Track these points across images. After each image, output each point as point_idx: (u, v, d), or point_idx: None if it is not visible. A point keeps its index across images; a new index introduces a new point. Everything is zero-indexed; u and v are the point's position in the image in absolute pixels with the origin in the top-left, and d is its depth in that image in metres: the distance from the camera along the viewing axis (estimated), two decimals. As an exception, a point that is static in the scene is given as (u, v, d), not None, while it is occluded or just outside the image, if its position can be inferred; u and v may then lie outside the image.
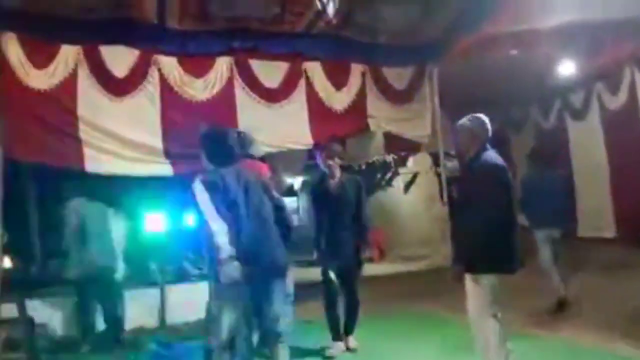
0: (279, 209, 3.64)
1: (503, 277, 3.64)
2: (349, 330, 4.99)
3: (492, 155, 3.73)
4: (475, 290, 3.63)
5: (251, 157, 4.35)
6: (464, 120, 3.88)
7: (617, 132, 8.29)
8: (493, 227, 3.48)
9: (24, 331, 4.94)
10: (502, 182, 3.62)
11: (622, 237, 8.30)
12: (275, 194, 3.73)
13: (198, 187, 3.44)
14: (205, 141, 3.71)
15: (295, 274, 4.73)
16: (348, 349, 4.90)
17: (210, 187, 3.43)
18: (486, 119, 3.85)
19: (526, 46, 7.31)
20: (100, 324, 6.15)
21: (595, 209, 8.91)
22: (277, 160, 5.87)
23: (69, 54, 6.01)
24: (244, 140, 4.40)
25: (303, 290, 6.51)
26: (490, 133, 3.82)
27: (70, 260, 5.99)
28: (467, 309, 3.75)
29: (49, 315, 6.24)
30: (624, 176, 8.26)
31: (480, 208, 3.54)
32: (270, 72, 6.92)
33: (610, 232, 8.61)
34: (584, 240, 9.04)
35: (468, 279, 3.67)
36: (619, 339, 4.63)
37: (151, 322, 6.70)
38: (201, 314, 4.46)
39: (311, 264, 8.80)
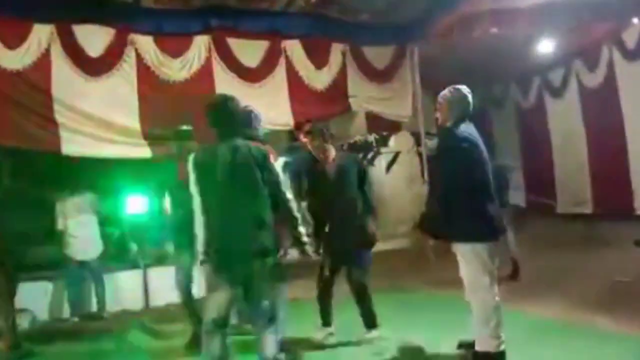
0: (279, 192, 3.42)
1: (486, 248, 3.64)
2: (367, 325, 4.53)
3: (466, 128, 3.75)
4: (461, 260, 3.71)
5: (258, 139, 4.01)
6: (445, 91, 3.89)
7: (595, 109, 8.37)
8: (461, 196, 3.56)
9: (5, 317, 4.86)
10: (469, 154, 3.65)
11: (600, 213, 8.43)
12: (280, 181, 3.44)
13: (189, 166, 3.35)
14: (208, 109, 3.41)
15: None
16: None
17: (199, 166, 3.33)
18: (467, 92, 3.85)
19: (505, 25, 7.31)
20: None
21: (574, 186, 9.04)
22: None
23: (41, 33, 5.87)
24: (253, 119, 4.05)
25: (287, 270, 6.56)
26: (470, 106, 3.82)
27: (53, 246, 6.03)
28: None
29: (30, 300, 6.17)
30: (601, 153, 8.37)
31: (448, 178, 3.64)
32: (250, 51, 6.83)
33: (588, 208, 8.75)
34: (563, 216, 9.20)
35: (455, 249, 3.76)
36: (598, 314, 4.70)
37: (135, 304, 6.68)
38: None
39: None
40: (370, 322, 4.49)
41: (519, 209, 10.27)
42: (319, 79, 7.21)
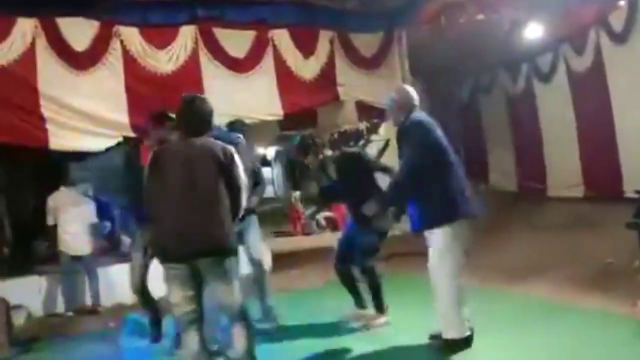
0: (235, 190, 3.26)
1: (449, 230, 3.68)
2: (376, 308, 4.59)
3: (416, 115, 3.88)
4: (430, 246, 3.75)
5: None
6: (391, 94, 4.05)
7: (584, 93, 8.39)
8: (420, 183, 3.65)
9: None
10: (424, 137, 3.73)
11: (591, 196, 8.49)
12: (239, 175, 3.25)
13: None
14: (180, 106, 3.34)
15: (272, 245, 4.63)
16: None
17: (153, 162, 3.25)
18: (411, 89, 4.05)
19: (492, 10, 7.31)
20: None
21: (564, 169, 9.09)
22: (249, 130, 5.79)
23: (25, 27, 5.83)
24: (233, 125, 4.36)
25: (280, 261, 6.58)
26: (416, 101, 3.97)
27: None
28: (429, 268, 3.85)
29: (25, 296, 6.17)
30: (591, 136, 8.40)
31: (407, 167, 3.73)
32: (236, 41, 6.81)
33: (578, 192, 8.80)
34: (554, 200, 9.25)
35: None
36: (590, 296, 4.75)
37: (129, 298, 6.66)
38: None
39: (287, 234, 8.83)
40: (376, 306, 4.55)
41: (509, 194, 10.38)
42: (307, 68, 7.19)
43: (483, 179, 11.18)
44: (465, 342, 3.65)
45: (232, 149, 3.23)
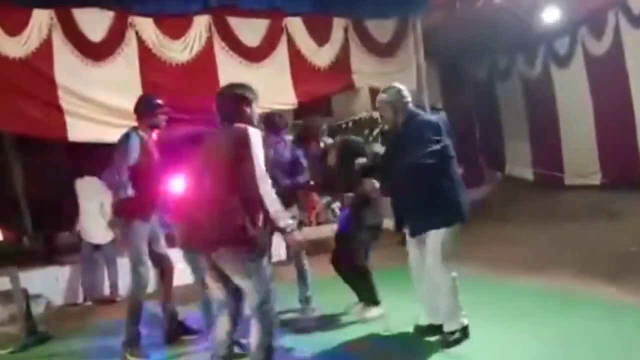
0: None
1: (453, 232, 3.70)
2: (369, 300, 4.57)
3: (423, 117, 3.82)
4: (427, 247, 3.71)
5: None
6: (381, 95, 3.90)
7: (602, 78, 8.25)
8: (424, 186, 3.59)
9: (19, 303, 4.94)
10: (429, 140, 3.59)
11: (608, 184, 8.38)
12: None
13: None
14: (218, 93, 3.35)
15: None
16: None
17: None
18: (402, 87, 3.89)
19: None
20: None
21: (581, 157, 8.97)
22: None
23: (42, 19, 5.86)
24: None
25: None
26: (409, 99, 3.85)
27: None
28: (410, 263, 3.90)
29: (44, 285, 6.27)
30: (609, 123, 8.28)
31: (410, 170, 3.60)
32: (250, 30, 6.78)
33: (596, 179, 8.70)
34: (571, 188, 9.15)
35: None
36: (606, 284, 4.71)
37: (149, 287, 6.74)
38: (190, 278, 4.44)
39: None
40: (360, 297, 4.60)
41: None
42: (322, 56, 7.16)
43: (499, 166, 11.09)
44: (463, 332, 3.70)
45: (252, 135, 3.07)
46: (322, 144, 4.72)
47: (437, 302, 3.75)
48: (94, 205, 6.41)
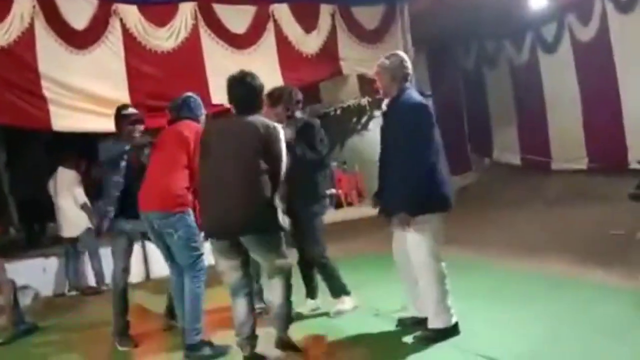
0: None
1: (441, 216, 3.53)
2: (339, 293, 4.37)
3: (411, 94, 3.58)
4: (414, 233, 3.49)
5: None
6: (382, 60, 3.68)
7: (589, 64, 8.30)
8: (412, 168, 3.40)
9: (6, 294, 4.91)
10: (418, 122, 3.46)
11: (595, 168, 8.46)
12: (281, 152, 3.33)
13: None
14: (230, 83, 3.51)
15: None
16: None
17: (201, 139, 3.48)
18: (405, 56, 3.69)
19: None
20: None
21: (568, 141, 9.05)
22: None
23: (23, 7, 5.74)
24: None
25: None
26: (410, 70, 3.65)
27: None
28: (394, 252, 3.71)
29: (32, 277, 6.24)
30: (595, 108, 8.34)
31: (397, 150, 3.51)
32: (237, 17, 6.70)
33: (582, 164, 8.77)
34: (558, 172, 9.23)
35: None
36: (593, 267, 4.77)
37: (135, 277, 6.72)
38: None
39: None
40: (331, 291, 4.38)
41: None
42: (309, 43, 7.10)
43: (487, 152, 11.15)
44: (452, 330, 3.50)
45: (276, 125, 3.35)
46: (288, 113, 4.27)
47: (424, 292, 3.55)
48: (65, 199, 6.40)
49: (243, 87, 3.41)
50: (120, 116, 4.35)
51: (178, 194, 3.66)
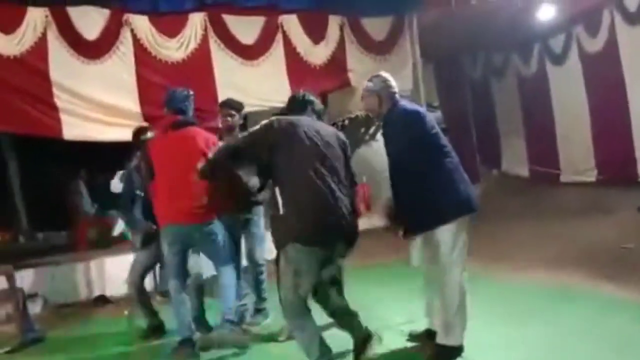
0: None
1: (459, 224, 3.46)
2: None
3: (402, 106, 3.58)
4: (429, 245, 3.53)
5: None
6: (367, 83, 3.70)
7: (597, 75, 8.28)
8: (413, 181, 3.38)
9: (15, 302, 4.94)
10: (412, 130, 3.44)
11: (604, 181, 8.41)
12: None
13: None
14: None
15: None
16: None
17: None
18: (388, 76, 3.68)
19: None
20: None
21: (577, 154, 9.01)
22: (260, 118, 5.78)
23: (36, 17, 5.82)
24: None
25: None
26: (395, 89, 3.64)
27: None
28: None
29: (41, 285, 6.27)
30: (604, 120, 8.30)
31: (398, 165, 3.49)
32: (246, 28, 6.75)
33: (591, 176, 8.73)
34: (567, 185, 9.19)
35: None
36: (602, 281, 4.74)
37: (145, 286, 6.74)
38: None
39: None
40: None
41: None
42: (317, 54, 7.13)
43: (495, 164, 11.12)
44: (460, 350, 3.43)
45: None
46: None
47: (441, 301, 3.48)
48: None
49: None
50: (139, 140, 4.53)
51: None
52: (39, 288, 6.14)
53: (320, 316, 3.45)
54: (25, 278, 5.67)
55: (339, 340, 3.46)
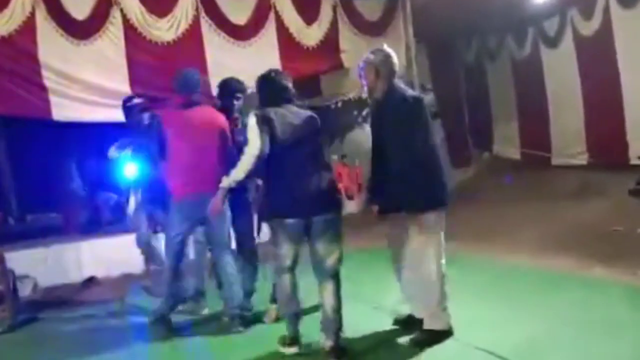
0: None
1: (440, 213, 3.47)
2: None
3: (400, 89, 3.52)
4: (408, 229, 3.49)
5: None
6: (368, 55, 3.62)
7: (591, 59, 8.27)
8: (409, 164, 3.36)
9: (5, 284, 4.92)
10: (411, 117, 3.42)
11: (595, 164, 8.45)
12: None
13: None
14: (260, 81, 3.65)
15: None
16: None
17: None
18: (391, 52, 3.58)
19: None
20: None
21: (569, 137, 9.03)
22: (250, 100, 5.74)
23: (24, -3, 5.73)
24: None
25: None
26: (396, 67, 3.56)
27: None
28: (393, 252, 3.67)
29: (31, 267, 6.24)
30: (597, 103, 8.31)
31: (393, 147, 3.43)
32: (238, 8, 6.68)
33: (583, 159, 8.76)
34: (558, 168, 9.22)
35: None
36: (595, 264, 4.77)
37: (135, 268, 6.74)
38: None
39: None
40: None
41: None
42: (310, 35, 7.08)
43: (487, 146, 11.13)
44: (447, 334, 3.45)
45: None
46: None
47: (423, 292, 3.49)
48: None
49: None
50: (126, 108, 4.41)
51: None
52: (29, 270, 6.11)
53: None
54: (16, 260, 5.63)
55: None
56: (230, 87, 4.40)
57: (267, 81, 3.58)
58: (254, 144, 3.32)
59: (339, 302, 3.42)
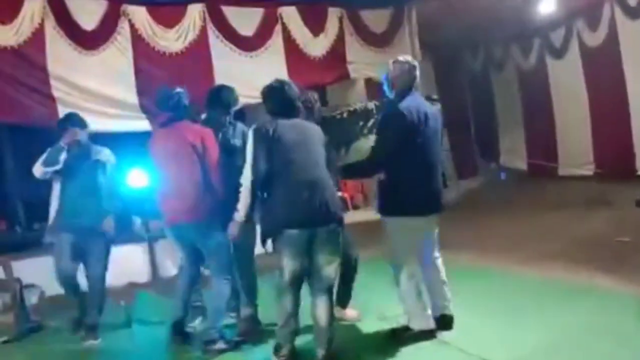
0: None
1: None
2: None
3: (411, 101, 3.68)
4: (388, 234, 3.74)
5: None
6: (405, 57, 3.86)
7: (597, 69, 8.27)
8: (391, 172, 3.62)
9: (12, 293, 4.94)
10: (388, 129, 3.67)
11: (602, 174, 8.42)
12: None
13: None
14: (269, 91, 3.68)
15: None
16: None
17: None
18: (412, 64, 3.76)
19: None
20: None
21: (575, 147, 9.01)
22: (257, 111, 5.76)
23: (34, 8, 5.77)
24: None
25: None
26: (415, 78, 3.74)
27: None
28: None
29: (38, 275, 6.24)
30: (603, 114, 8.30)
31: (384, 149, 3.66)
32: (245, 19, 6.73)
33: (590, 170, 8.74)
34: (565, 178, 9.20)
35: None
36: (599, 274, 4.75)
37: (141, 277, 6.75)
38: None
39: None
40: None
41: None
42: (316, 46, 7.12)
43: (494, 157, 11.12)
44: (427, 334, 3.64)
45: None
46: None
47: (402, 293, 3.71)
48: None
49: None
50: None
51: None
52: (35, 279, 6.12)
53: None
54: (22, 268, 5.64)
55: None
56: (220, 98, 4.26)
57: (272, 92, 3.61)
58: (247, 173, 3.42)
59: (332, 316, 3.43)
